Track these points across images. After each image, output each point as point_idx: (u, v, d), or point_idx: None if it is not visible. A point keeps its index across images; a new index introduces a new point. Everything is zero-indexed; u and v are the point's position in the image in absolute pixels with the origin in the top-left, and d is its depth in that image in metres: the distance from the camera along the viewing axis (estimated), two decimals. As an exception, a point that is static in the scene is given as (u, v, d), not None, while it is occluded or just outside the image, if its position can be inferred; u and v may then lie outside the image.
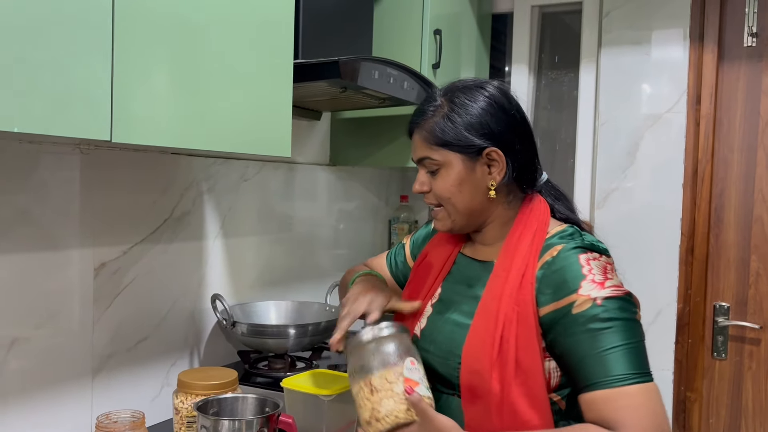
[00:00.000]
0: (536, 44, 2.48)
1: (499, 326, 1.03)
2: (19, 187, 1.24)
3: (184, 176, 1.61)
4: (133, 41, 1.02)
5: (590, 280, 1.00)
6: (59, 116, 0.92)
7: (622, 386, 0.95)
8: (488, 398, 1.02)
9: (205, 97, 1.17)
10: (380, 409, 0.98)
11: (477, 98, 1.10)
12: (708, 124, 2.12)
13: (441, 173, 1.10)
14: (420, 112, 1.14)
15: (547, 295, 1.02)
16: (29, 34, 0.87)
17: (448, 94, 1.12)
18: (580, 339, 0.98)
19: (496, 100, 1.10)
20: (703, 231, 2.14)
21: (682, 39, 2.14)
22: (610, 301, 0.98)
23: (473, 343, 1.06)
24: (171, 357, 1.59)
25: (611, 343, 0.96)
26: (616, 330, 0.97)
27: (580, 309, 0.98)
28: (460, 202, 1.10)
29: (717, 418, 2.15)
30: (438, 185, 1.11)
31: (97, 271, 1.39)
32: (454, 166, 1.09)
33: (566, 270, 1.02)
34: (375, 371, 1.00)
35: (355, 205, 2.39)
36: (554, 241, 1.07)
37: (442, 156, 1.09)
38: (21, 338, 1.25)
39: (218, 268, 1.73)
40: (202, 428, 1.08)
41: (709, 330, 2.15)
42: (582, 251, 1.03)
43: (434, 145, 1.10)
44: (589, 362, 0.97)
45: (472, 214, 1.12)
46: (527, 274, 1.05)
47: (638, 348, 0.98)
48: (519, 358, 1.01)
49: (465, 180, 1.09)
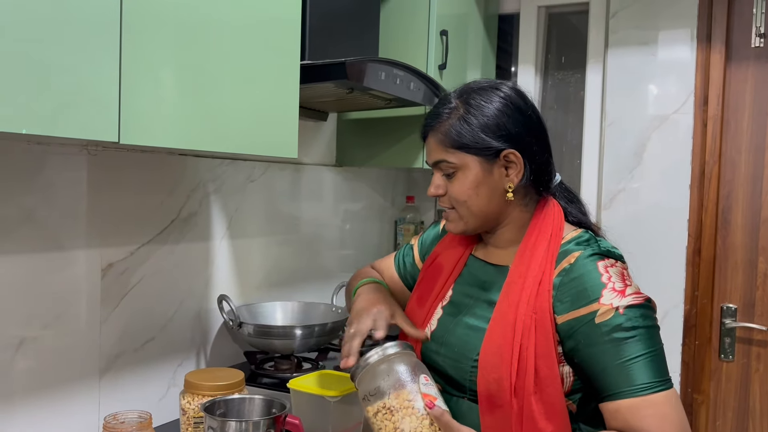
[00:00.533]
0: (543, 45, 2.48)
1: (518, 334, 1.02)
2: (27, 188, 1.25)
3: (191, 177, 1.61)
4: (141, 43, 1.02)
5: (611, 288, 1.00)
6: (67, 118, 0.92)
7: (646, 395, 0.95)
8: (508, 408, 1.02)
9: (212, 99, 1.17)
10: (403, 427, 0.98)
11: (493, 99, 1.09)
12: (715, 125, 2.11)
13: (458, 176, 1.09)
14: (434, 115, 1.12)
15: (566, 303, 1.02)
16: (37, 36, 0.88)
17: (463, 96, 1.11)
18: (603, 349, 0.98)
19: (512, 101, 1.09)
20: (711, 232, 2.13)
21: (689, 39, 2.13)
22: (632, 309, 0.98)
23: (490, 350, 1.04)
24: (177, 357, 1.60)
25: (635, 352, 0.97)
26: (639, 338, 0.97)
27: (603, 318, 0.98)
28: (476, 204, 1.09)
29: (724, 421, 2.14)
30: (455, 188, 1.10)
31: (104, 272, 1.40)
32: (471, 168, 1.08)
33: (585, 278, 1.01)
34: (391, 392, 1.00)
35: (361, 205, 2.39)
36: (571, 248, 1.06)
37: (459, 159, 1.08)
38: (29, 338, 1.26)
39: (225, 269, 1.74)
40: (209, 429, 1.08)
41: (716, 332, 2.15)
42: (600, 258, 1.03)
43: (450, 148, 1.08)
44: (612, 372, 0.97)
45: (487, 216, 1.11)
46: (544, 281, 1.04)
47: (660, 355, 0.99)
48: (537, 367, 1.01)
49: (482, 182, 1.08)
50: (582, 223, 1.16)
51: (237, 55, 1.22)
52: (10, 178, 1.22)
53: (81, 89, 0.94)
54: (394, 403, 0.99)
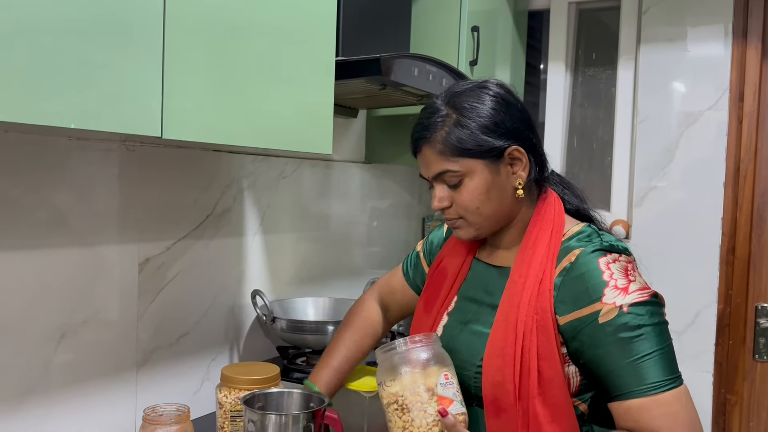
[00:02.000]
0: (573, 41, 2.46)
1: (519, 336, 1.00)
2: (67, 183, 1.27)
3: (225, 173, 1.62)
4: (182, 42, 1.04)
5: (613, 286, 0.97)
6: (113, 113, 0.94)
7: (657, 394, 0.93)
8: (513, 411, 1.00)
9: (250, 95, 1.18)
10: (413, 429, 0.98)
11: (484, 99, 1.05)
12: (751, 122, 2.08)
13: (465, 184, 1.05)
14: (425, 126, 1.07)
15: (568, 303, 0.99)
16: (86, 35, 0.89)
17: (451, 101, 1.07)
18: (609, 350, 0.96)
19: (503, 98, 1.07)
20: (745, 231, 2.10)
21: (723, 35, 2.10)
22: (637, 307, 0.96)
23: (493, 353, 1.03)
24: (211, 352, 1.61)
25: (643, 351, 0.94)
26: (646, 337, 0.95)
27: (607, 318, 0.96)
28: (489, 208, 1.06)
29: (758, 421, 2.11)
30: (463, 197, 1.05)
31: (141, 267, 1.41)
32: (478, 173, 1.04)
33: (586, 277, 0.99)
34: (408, 387, 0.98)
35: (389, 202, 2.39)
36: (572, 244, 1.03)
37: (464, 166, 1.04)
38: (69, 332, 1.28)
39: (257, 264, 1.75)
40: (250, 422, 1.08)
41: (750, 331, 2.11)
42: (601, 254, 1.00)
43: (452, 157, 1.04)
44: (621, 372, 0.95)
45: (500, 218, 1.08)
46: (545, 281, 1.01)
47: (669, 352, 0.97)
48: (541, 369, 0.99)
49: (492, 185, 1.05)
50: (581, 211, 1.13)
51: (274, 53, 1.23)
52: (51, 173, 1.24)
53: (126, 86, 0.95)
54: (408, 400, 0.97)
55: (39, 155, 1.21)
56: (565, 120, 2.45)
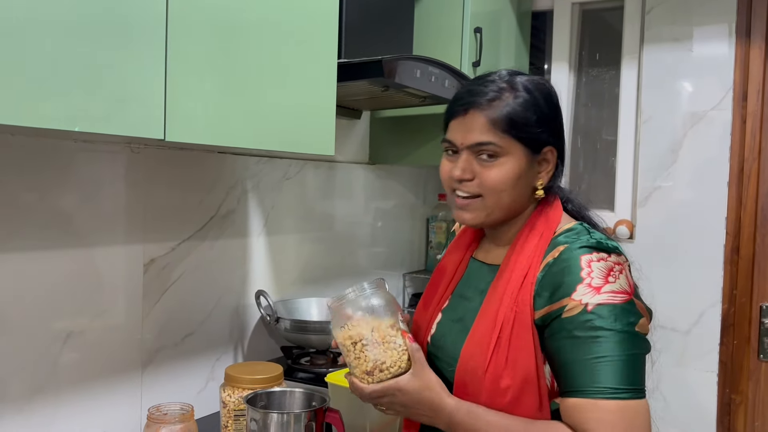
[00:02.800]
0: (576, 41, 2.46)
1: (497, 327, 0.99)
2: (73, 186, 1.28)
3: (229, 175, 1.64)
4: (185, 44, 1.05)
5: (586, 284, 0.94)
6: (116, 116, 0.95)
7: (597, 399, 0.90)
8: (479, 394, 0.99)
9: (252, 97, 1.19)
10: (385, 359, 1.01)
11: (548, 93, 1.06)
12: (755, 122, 2.08)
13: (500, 162, 1.02)
14: (480, 92, 1.03)
15: (544, 297, 0.98)
16: (91, 39, 0.91)
17: (511, 81, 1.04)
18: (563, 344, 0.94)
19: (554, 96, 1.08)
20: (750, 230, 2.09)
21: (727, 35, 2.10)
22: (602, 308, 0.92)
23: (471, 343, 1.03)
24: (216, 352, 1.63)
25: (596, 353, 0.91)
26: (603, 341, 0.91)
27: (569, 314, 0.94)
28: (510, 196, 1.04)
29: (763, 421, 2.11)
30: (492, 175, 1.02)
31: (146, 267, 1.43)
32: (516, 158, 1.02)
33: (565, 272, 0.97)
34: (375, 325, 1.03)
35: (393, 203, 2.40)
36: (560, 240, 1.02)
37: (508, 144, 1.01)
38: (75, 332, 1.29)
39: (261, 265, 1.76)
40: (252, 421, 1.10)
41: (755, 331, 2.11)
42: (587, 251, 0.97)
43: (501, 131, 1.01)
44: (568, 369, 0.93)
45: (512, 209, 1.07)
46: (529, 275, 1.00)
47: (627, 362, 0.91)
48: (513, 359, 0.97)
49: (522, 175, 1.03)
50: (581, 214, 1.12)
51: (276, 55, 1.24)
52: (57, 175, 1.25)
53: (129, 89, 0.97)
54: (379, 335, 1.02)
55: (45, 158, 1.23)
56: (569, 120, 2.45)
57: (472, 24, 2.01)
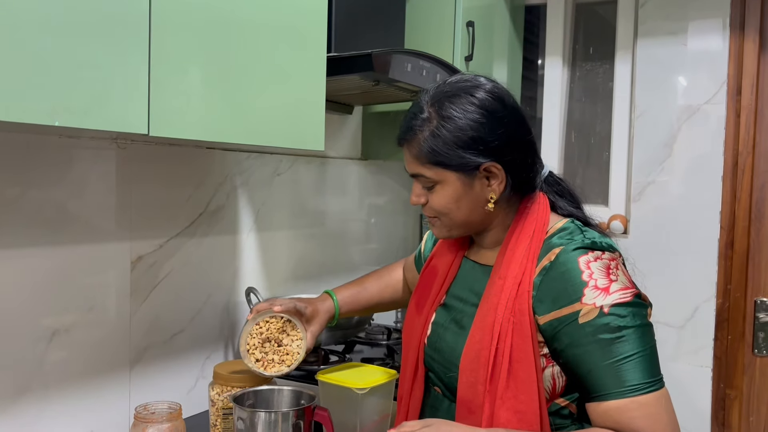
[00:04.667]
0: (570, 35, 2.45)
1: (495, 338, 0.99)
2: (58, 182, 1.26)
3: (218, 171, 1.62)
4: (169, 38, 1.03)
5: (592, 286, 0.95)
6: (98, 110, 0.93)
7: (636, 396, 0.92)
8: (479, 413, 1.00)
9: (239, 91, 1.17)
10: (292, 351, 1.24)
11: (467, 109, 1.01)
12: (749, 116, 2.07)
13: (437, 189, 1.04)
14: (408, 127, 1.05)
15: (546, 303, 0.98)
16: (69, 30, 0.89)
17: (435, 105, 1.03)
18: (589, 350, 0.94)
19: (489, 108, 1.01)
20: (744, 224, 2.08)
21: (720, 29, 2.09)
22: (618, 308, 0.93)
23: (470, 356, 1.02)
24: (206, 350, 1.61)
25: (624, 353, 0.92)
26: (627, 339, 0.93)
27: (587, 318, 0.94)
28: (458, 216, 1.06)
29: (757, 416, 2.10)
30: (435, 201, 1.05)
31: (134, 264, 1.41)
32: (450, 183, 1.03)
33: (565, 276, 0.97)
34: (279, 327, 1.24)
35: (386, 199, 2.38)
36: (554, 242, 1.01)
37: (437, 174, 1.03)
38: (61, 330, 1.27)
39: (252, 262, 1.74)
40: (239, 420, 1.08)
41: (749, 326, 2.10)
42: (582, 252, 0.97)
43: (426, 163, 1.03)
44: (600, 373, 0.93)
45: (471, 225, 1.08)
46: (524, 282, 1.00)
47: (651, 354, 0.94)
48: (513, 371, 0.98)
49: (463, 196, 1.03)
50: (572, 215, 1.09)
51: (264, 48, 1.22)
52: (42, 171, 1.23)
53: (111, 83, 0.95)
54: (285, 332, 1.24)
55: (29, 154, 1.21)
56: (562, 115, 2.44)
57: (465, 18, 1.99)
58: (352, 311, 1.37)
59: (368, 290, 1.39)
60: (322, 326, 1.29)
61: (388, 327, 2.00)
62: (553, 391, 1.01)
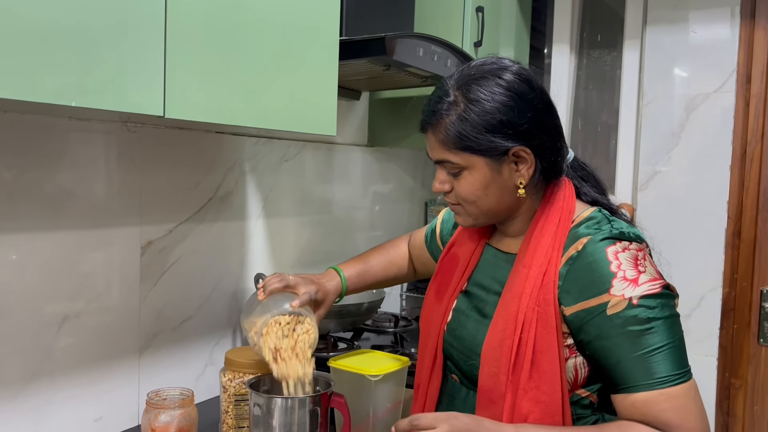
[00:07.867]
0: (578, 23, 2.43)
1: (518, 328, 0.97)
2: (68, 166, 1.24)
3: (227, 156, 1.60)
4: (185, 20, 1.02)
5: (621, 277, 0.93)
6: (115, 91, 0.92)
7: (665, 388, 0.91)
8: (500, 404, 0.98)
9: (253, 75, 1.16)
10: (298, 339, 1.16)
11: (494, 91, 0.98)
12: (759, 104, 2.06)
13: (464, 176, 1.01)
14: (432, 111, 1.02)
15: (573, 293, 0.96)
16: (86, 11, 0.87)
17: (462, 87, 1.00)
18: (617, 341, 0.93)
19: (517, 91, 0.98)
20: (752, 214, 2.08)
21: (730, 16, 2.07)
22: (647, 299, 0.92)
23: (492, 344, 1.00)
24: (214, 336, 1.60)
25: (653, 344, 0.91)
26: (656, 330, 0.92)
27: (616, 310, 0.92)
28: (485, 204, 1.03)
29: (762, 405, 2.11)
30: (461, 188, 1.02)
31: (143, 250, 1.39)
32: (477, 168, 1.00)
33: (593, 267, 0.95)
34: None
35: (391, 186, 2.37)
36: (580, 231, 0.99)
37: (464, 159, 1.00)
38: (71, 316, 1.26)
39: (260, 248, 1.73)
40: (255, 406, 1.07)
41: (755, 315, 2.10)
42: (610, 242, 0.96)
43: (453, 149, 1.00)
44: (628, 365, 0.92)
45: (498, 213, 1.05)
46: (549, 271, 0.98)
47: (679, 346, 0.93)
48: (538, 361, 0.96)
49: (491, 182, 1.00)
50: (597, 203, 1.08)
51: (278, 32, 1.20)
52: (51, 154, 1.21)
53: (128, 64, 0.93)
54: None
55: (38, 136, 1.19)
56: (569, 103, 2.42)
57: (474, 3, 1.97)
58: (357, 290, 1.35)
59: (374, 268, 1.37)
60: (328, 309, 1.27)
61: (395, 314, 1.99)
62: (575, 382, 1.00)
